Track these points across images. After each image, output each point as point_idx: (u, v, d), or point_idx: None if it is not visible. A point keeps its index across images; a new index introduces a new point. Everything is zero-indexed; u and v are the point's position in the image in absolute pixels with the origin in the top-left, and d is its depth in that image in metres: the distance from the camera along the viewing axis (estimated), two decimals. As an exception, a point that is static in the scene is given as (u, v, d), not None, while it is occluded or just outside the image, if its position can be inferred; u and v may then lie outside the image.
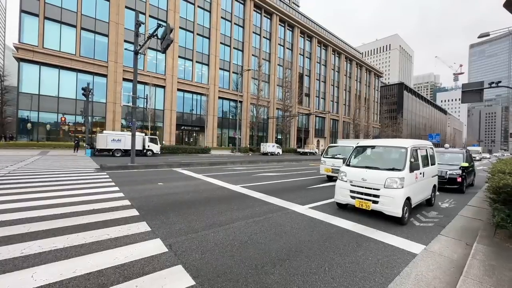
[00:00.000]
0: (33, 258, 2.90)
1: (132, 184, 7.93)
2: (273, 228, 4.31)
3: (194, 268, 2.82)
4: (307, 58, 52.18)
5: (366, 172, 5.13)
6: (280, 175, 12.04)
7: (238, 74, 38.26)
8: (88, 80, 25.79)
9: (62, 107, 25.74)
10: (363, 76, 68.48)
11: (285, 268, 2.90)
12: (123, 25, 28.55)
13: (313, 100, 52.98)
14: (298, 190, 8.09)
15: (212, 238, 3.73)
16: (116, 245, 3.34)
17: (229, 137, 40.06)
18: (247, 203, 6.06)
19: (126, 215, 4.63)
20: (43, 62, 24.38)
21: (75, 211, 4.78)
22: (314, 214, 5.29)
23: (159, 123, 32.19)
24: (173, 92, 32.63)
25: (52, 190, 6.50)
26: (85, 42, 26.85)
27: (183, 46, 34.00)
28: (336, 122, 60.39)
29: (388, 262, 3.21)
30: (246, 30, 40.90)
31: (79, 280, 2.49)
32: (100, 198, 5.91)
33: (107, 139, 20.27)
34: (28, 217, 4.30)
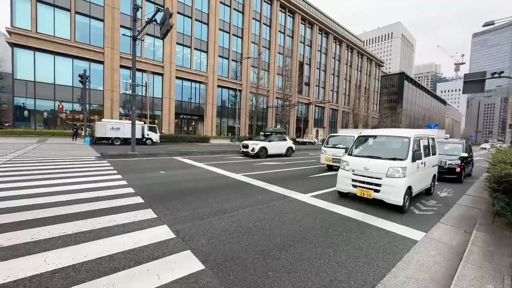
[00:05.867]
0: (44, 243, 2.95)
1: (134, 172, 7.97)
2: (277, 215, 4.39)
3: (202, 253, 2.89)
4: (307, 46, 51.20)
5: (369, 161, 5.18)
6: (280, 164, 12.11)
7: (237, 62, 37.56)
8: (84, 66, 25.25)
9: (59, 95, 25.32)
10: (364, 65, 67.58)
11: (291, 254, 2.98)
12: (118, 9, 27.60)
13: (313, 90, 52.49)
14: (299, 179, 8.18)
15: (218, 225, 3.80)
16: (124, 231, 3.40)
17: (228, 126, 39.91)
18: (249, 191, 6.13)
19: (131, 202, 4.68)
20: (37, 47, 23.71)
21: (80, 198, 4.82)
22: (316, 202, 5.37)
23: (158, 112, 31.90)
24: (171, 80, 32.10)
25: (56, 178, 6.52)
26: (80, 27, 26.03)
27: (181, 33, 33.11)
28: (335, 112, 60.18)
29: (390, 248, 3.30)
30: (246, 16, 39.78)
31: (91, 264, 2.55)
32: (103, 185, 5.95)
33: (106, 127, 20.13)
34: (34, 203, 4.34)
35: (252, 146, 14.14)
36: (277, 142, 15.28)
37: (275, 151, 15.01)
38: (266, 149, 14.36)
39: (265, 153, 14.31)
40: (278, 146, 15.26)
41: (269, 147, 14.54)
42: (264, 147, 14.25)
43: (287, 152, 15.92)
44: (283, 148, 15.67)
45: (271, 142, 14.78)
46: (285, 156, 15.78)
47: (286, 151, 15.87)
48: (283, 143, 15.82)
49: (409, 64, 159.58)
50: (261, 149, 14.09)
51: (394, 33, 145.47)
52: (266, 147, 14.34)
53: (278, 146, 15.29)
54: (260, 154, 14.07)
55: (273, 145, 14.87)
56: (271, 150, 14.61)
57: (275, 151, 15.05)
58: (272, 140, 14.95)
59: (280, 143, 15.58)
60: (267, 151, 14.40)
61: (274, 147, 14.92)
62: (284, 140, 16.05)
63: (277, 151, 15.22)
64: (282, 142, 15.75)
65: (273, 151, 14.84)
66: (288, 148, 16.01)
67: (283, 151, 15.64)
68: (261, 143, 14.36)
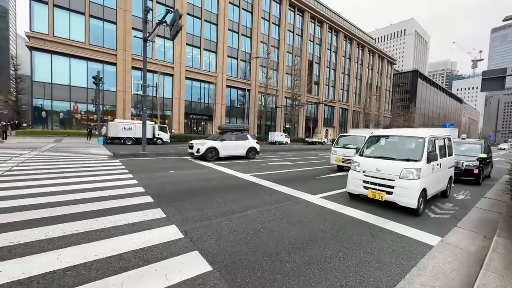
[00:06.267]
0: (57, 241, 3.02)
1: (145, 172, 8.10)
2: (286, 217, 4.33)
3: (210, 254, 2.88)
4: (317, 45, 50.57)
5: (381, 162, 5.02)
6: (289, 164, 12.01)
7: (246, 62, 37.59)
8: (98, 68, 25.99)
9: (74, 96, 26.20)
10: (375, 63, 66.06)
11: (300, 256, 2.92)
12: (130, 12, 28.24)
13: (323, 89, 51.80)
14: (308, 180, 8.06)
15: (226, 225, 3.78)
16: (134, 230, 3.44)
17: (237, 126, 39.98)
18: (258, 191, 6.09)
19: (141, 202, 4.75)
20: (54, 50, 24.63)
21: (92, 196, 4.94)
22: (326, 203, 5.27)
23: (168, 112, 32.41)
24: (181, 80, 32.54)
25: (69, 177, 6.73)
26: (94, 30, 26.82)
27: (191, 33, 33.48)
28: (345, 111, 59.16)
29: (403, 253, 3.18)
30: (255, 16, 39.75)
31: (102, 262, 2.59)
32: (115, 184, 6.08)
33: (118, 127, 20.64)
34: (48, 202, 4.47)
35: (198, 146, 11.69)
36: (233, 142, 12.85)
37: (230, 153, 12.65)
38: (216, 149, 11.92)
39: (215, 155, 11.90)
40: (234, 146, 12.82)
41: (221, 148, 12.14)
42: (213, 148, 11.82)
43: (248, 154, 13.36)
44: (243, 148, 13.16)
45: (223, 142, 12.38)
46: (246, 158, 13.28)
47: (247, 152, 13.35)
48: (242, 143, 13.20)
49: (423, 62, 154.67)
50: (208, 150, 11.66)
51: (407, 30, 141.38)
52: (216, 148, 11.90)
53: (235, 146, 12.85)
54: (207, 156, 11.60)
55: (227, 145, 12.47)
56: (224, 151, 12.28)
57: (231, 152, 12.68)
58: (224, 139, 12.53)
59: (238, 142, 13.05)
60: (218, 152, 11.98)
61: (228, 147, 12.54)
62: (245, 139, 13.43)
63: (234, 153, 12.80)
64: (241, 142, 13.17)
65: (227, 153, 12.45)
66: (250, 148, 13.45)
67: (242, 152, 13.13)
68: (209, 142, 12.01)
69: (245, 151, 13.25)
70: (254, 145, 13.70)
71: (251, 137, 13.89)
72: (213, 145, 11.83)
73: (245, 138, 13.53)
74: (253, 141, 13.72)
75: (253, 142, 13.67)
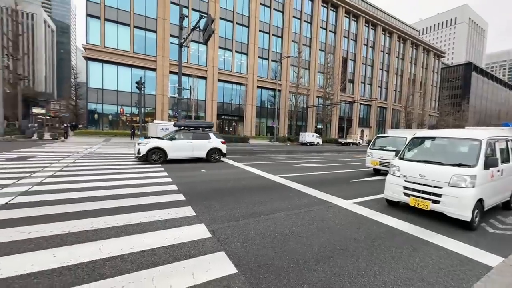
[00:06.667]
0: (100, 232, 3.32)
1: (178, 170, 8.55)
2: (315, 222, 4.13)
3: (236, 256, 2.87)
4: (352, 41, 48.01)
5: (425, 167, 4.49)
6: (320, 166, 11.57)
7: (277, 62, 37.42)
8: (140, 74, 28.40)
9: (121, 100, 29.04)
10: (419, 57, 60.17)
11: (329, 266, 2.74)
12: (168, 20, 30.25)
13: (358, 87, 48.96)
14: (341, 183, 7.64)
15: (252, 227, 3.75)
16: (166, 226, 3.62)
17: (267, 126, 40.07)
18: (286, 194, 5.96)
19: (174, 199, 4.99)
20: (105, 59, 27.62)
21: (132, 192, 5.35)
22: (360, 210, 4.91)
23: (201, 113, 33.90)
24: (214, 82, 33.77)
25: (114, 173, 7.42)
26: (138, 39, 29.37)
27: (223, 37, 34.54)
28: (384, 110, 55.06)
29: (453, 272, 2.77)
30: (286, 15, 39.35)
31: (136, 256, 2.76)
32: (152, 182, 6.52)
33: (157, 128, 22.23)
34: (95, 195, 4.97)
35: (139, 146, 9.90)
36: (187, 141, 10.61)
37: (183, 154, 10.52)
38: (163, 150, 9.95)
39: (163, 156, 9.95)
40: (189, 146, 10.61)
41: (170, 148, 10.11)
42: (158, 148, 9.85)
43: (210, 156, 11.12)
44: (201, 149, 10.93)
45: (174, 141, 10.33)
46: (207, 161, 11.07)
47: (208, 154, 11.09)
48: (200, 143, 10.91)
49: (478, 53, 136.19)
50: (152, 151, 9.75)
51: (458, 18, 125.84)
52: (162, 148, 9.93)
53: (189, 147, 10.63)
54: (151, 157, 9.72)
55: (178, 145, 10.35)
56: (174, 153, 10.22)
57: (184, 154, 10.55)
58: (174, 138, 10.47)
59: (195, 142, 10.78)
60: (166, 153, 10.00)
61: (180, 148, 10.40)
62: (205, 138, 11.15)
63: (188, 154, 10.65)
64: (199, 141, 10.89)
65: (178, 154, 10.38)
66: (212, 150, 11.16)
67: (201, 154, 10.94)
68: (154, 142, 10.17)
69: (205, 153, 11.00)
70: (218, 145, 11.36)
71: (214, 136, 11.50)
72: (157, 146, 9.88)
73: (206, 137, 11.18)
74: (216, 141, 11.38)
75: (216, 142, 11.34)
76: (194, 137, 10.89)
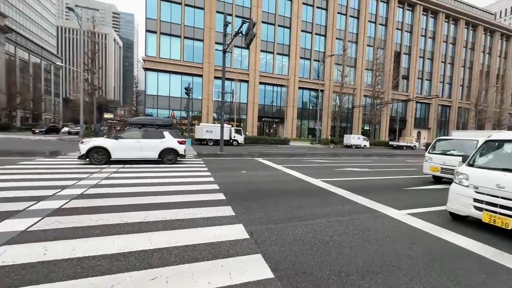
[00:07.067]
0: (151, 224, 3.66)
1: (220, 171, 8.93)
2: (360, 232, 3.79)
3: (273, 260, 2.81)
4: (406, 33, 43.30)
5: (505, 176, 3.69)
6: (367, 171, 10.65)
7: (319, 62, 36.14)
8: (188, 80, 30.86)
9: (172, 105, 32.03)
10: (496, 45, 50.64)
11: (376, 284, 2.46)
12: (214, 29, 32.15)
13: (414, 83, 43.80)
14: (392, 191, 6.88)
15: (291, 232, 3.64)
16: (207, 224, 3.78)
17: (308, 128, 38.99)
18: (328, 199, 5.64)
19: (215, 198, 5.21)
20: (159, 69, 30.89)
21: (179, 189, 5.79)
22: (415, 222, 4.31)
23: (243, 115, 34.92)
24: (255, 85, 34.47)
25: (165, 171, 8.17)
26: (187, 49, 32.02)
27: (265, 40, 35.02)
28: (446, 108, 47.99)
29: (548, 312, 2.18)
30: (330, 12, 37.77)
31: (179, 250, 2.94)
32: (197, 180, 6.95)
33: (203, 130, 23.76)
34: (147, 191, 5.53)
35: (80, 145, 9.07)
36: (135, 140, 9.59)
37: (131, 155, 9.54)
38: (107, 150, 9.06)
39: (106, 156, 9.07)
40: (137, 146, 9.57)
41: (114, 148, 9.18)
42: (99, 148, 8.99)
43: (164, 157, 9.97)
44: (152, 149, 9.82)
45: (120, 140, 9.41)
46: (160, 162, 9.95)
47: (161, 155, 9.94)
48: (151, 142, 9.80)
49: None
50: (93, 151, 8.93)
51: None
52: (105, 148, 9.05)
53: (139, 147, 9.59)
54: (92, 157, 8.90)
55: (124, 145, 9.38)
56: (119, 153, 9.27)
57: (132, 154, 9.56)
58: (120, 137, 9.58)
59: (145, 141, 9.69)
60: (109, 153, 9.10)
61: (127, 147, 9.41)
62: (158, 138, 10.01)
63: (136, 155, 9.63)
64: (149, 141, 9.78)
65: (124, 155, 9.40)
66: (166, 150, 9.97)
67: (152, 155, 9.84)
68: (96, 140, 9.44)
69: (157, 154, 9.88)
70: (174, 145, 10.11)
71: (170, 135, 10.28)
72: (99, 145, 9.07)
73: (159, 136, 10.06)
74: (171, 140, 10.15)
75: (171, 142, 10.12)
76: (145, 136, 9.84)
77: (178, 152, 10.23)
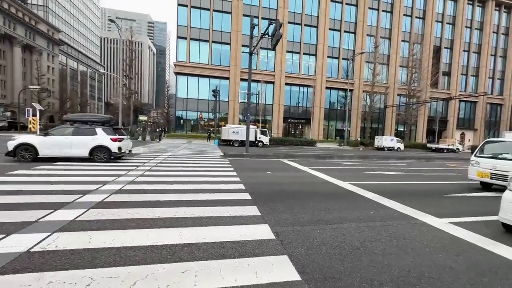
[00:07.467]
0: (180, 220, 3.83)
1: (246, 171, 9.03)
2: (394, 239, 3.53)
3: (300, 263, 2.75)
4: (448, 25, 39.61)
5: None
6: (401, 175, 9.92)
7: (348, 60, 34.72)
8: (216, 83, 31.80)
9: (200, 107, 33.30)
10: (562, 33, 43.75)
11: (414, 296, 2.27)
12: (241, 32, 32.76)
13: (457, 79, 39.84)
14: (431, 197, 6.31)
15: (318, 235, 3.53)
16: (233, 223, 3.84)
17: (336, 129, 37.63)
18: (358, 203, 5.37)
19: (241, 198, 5.27)
20: (189, 73, 32.37)
21: (207, 188, 5.98)
22: (459, 232, 3.90)
23: (268, 117, 34.95)
24: (281, 86, 34.30)
25: (194, 170, 8.52)
26: (215, 53, 33.09)
27: (291, 40, 34.71)
28: (497, 107, 42.76)
29: None
30: (360, 8, 36.12)
31: (207, 246, 3.03)
32: (224, 180, 7.12)
33: (229, 131, 24.29)
34: (179, 188, 5.80)
35: (8, 142, 8.89)
36: (64, 137, 9.19)
37: (59, 152, 9.12)
38: (34, 147, 8.80)
39: (33, 154, 8.82)
40: (67, 143, 9.15)
41: (41, 144, 8.92)
42: (27, 145, 8.78)
43: (95, 155, 9.40)
44: (82, 147, 9.29)
45: (48, 137, 9.14)
46: (91, 160, 9.40)
47: (92, 152, 9.37)
48: (81, 139, 9.29)
49: None
50: (20, 148, 8.72)
51: None
52: (32, 145, 8.80)
53: (68, 143, 9.15)
54: (19, 154, 8.70)
55: (52, 142, 9.07)
56: (47, 150, 8.99)
57: (61, 151, 9.13)
58: (48, 134, 9.29)
59: (74, 138, 9.22)
60: (37, 150, 8.84)
61: (55, 144, 9.08)
62: (90, 135, 9.43)
63: (66, 152, 9.20)
64: (79, 138, 9.28)
65: (52, 152, 9.06)
66: (97, 148, 9.39)
67: (82, 153, 9.32)
68: (23, 137, 9.14)
69: (87, 151, 9.34)
70: (106, 143, 9.46)
71: (103, 132, 9.60)
72: (26, 141, 8.83)
73: (91, 132, 9.47)
74: (103, 138, 9.49)
75: (102, 139, 9.46)
76: (75, 133, 9.39)
77: (110, 150, 9.50)
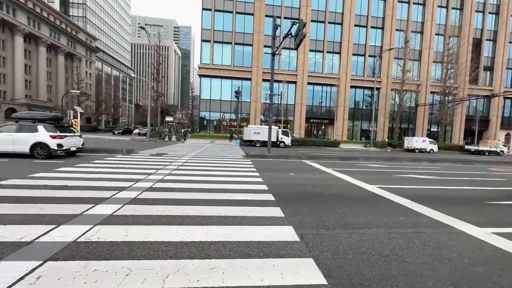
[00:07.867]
0: (207, 218, 3.98)
1: (268, 171, 9.06)
2: (429, 248, 3.33)
3: (326, 267, 2.72)
4: (490, 14, 36.03)
5: None
6: (435, 179, 9.25)
7: (375, 57, 33.10)
8: (238, 84, 32.27)
9: (223, 108, 34.02)
10: None
11: (451, 310, 2.13)
12: (263, 32, 32.87)
13: (501, 74, 36.06)
14: (470, 204, 5.81)
15: (344, 240, 3.45)
16: (258, 223, 3.90)
17: (361, 130, 36.10)
18: (386, 208, 5.13)
19: (265, 198, 5.32)
20: (212, 75, 33.23)
21: (231, 188, 6.12)
22: (504, 244, 3.55)
23: (290, 117, 34.60)
24: (303, 86, 33.78)
25: (217, 170, 8.75)
26: (237, 54, 33.59)
27: (314, 39, 34.03)
28: (552, 105, 37.85)
29: None
30: (389, 2, 34.32)
31: (233, 245, 3.12)
32: (247, 180, 7.23)
33: (251, 131, 24.50)
34: (204, 187, 6.02)
35: None
36: (7, 134, 9.63)
37: (2, 148, 9.61)
38: None
39: None
40: (9, 139, 9.57)
41: None
42: None
43: (35, 151, 9.63)
44: (23, 143, 9.59)
45: None
46: (30, 156, 9.63)
47: (32, 149, 9.63)
48: (22, 136, 9.61)
49: None
50: None
51: None
52: None
53: (10, 140, 9.57)
54: None
55: None
56: None
57: (3, 147, 9.60)
58: None
59: (16, 135, 9.62)
60: None
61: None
62: (31, 132, 9.70)
63: (8, 148, 9.63)
64: (20, 135, 9.63)
65: None
66: (36, 144, 9.62)
67: (23, 149, 9.62)
68: None
69: (28, 148, 9.61)
70: (44, 140, 9.68)
71: (44, 129, 9.82)
72: None
73: (33, 130, 9.74)
74: (43, 135, 9.71)
75: (42, 136, 9.69)
76: (18, 130, 9.78)
77: (49, 147, 9.75)
